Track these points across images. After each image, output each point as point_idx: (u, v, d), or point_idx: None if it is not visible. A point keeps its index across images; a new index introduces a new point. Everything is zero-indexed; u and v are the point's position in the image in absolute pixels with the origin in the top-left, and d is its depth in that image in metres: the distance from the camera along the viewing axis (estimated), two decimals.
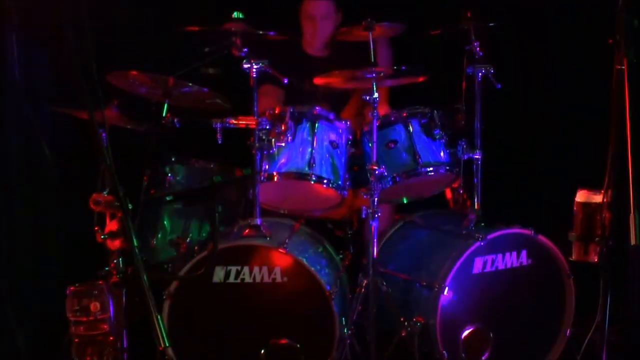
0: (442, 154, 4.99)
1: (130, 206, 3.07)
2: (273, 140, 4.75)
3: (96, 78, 3.18)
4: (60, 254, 5.22)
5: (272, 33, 4.94)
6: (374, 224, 4.77)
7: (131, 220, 3.08)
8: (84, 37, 3.21)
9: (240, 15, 4.84)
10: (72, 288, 3.20)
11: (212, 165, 5.11)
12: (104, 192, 3.24)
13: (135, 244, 2.98)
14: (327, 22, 5.70)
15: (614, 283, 4.15)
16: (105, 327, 3.18)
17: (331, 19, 5.71)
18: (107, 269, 3.24)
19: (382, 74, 4.84)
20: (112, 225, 3.09)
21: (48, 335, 4.80)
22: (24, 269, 4.97)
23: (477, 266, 4.75)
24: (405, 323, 4.76)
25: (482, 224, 4.92)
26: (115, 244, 3.16)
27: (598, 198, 4.27)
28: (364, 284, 4.80)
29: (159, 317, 2.90)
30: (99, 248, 3.42)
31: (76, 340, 3.23)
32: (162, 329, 2.86)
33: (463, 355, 4.74)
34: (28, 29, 4.81)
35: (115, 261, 3.13)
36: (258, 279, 4.60)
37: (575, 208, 4.45)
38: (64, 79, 3.21)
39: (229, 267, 4.58)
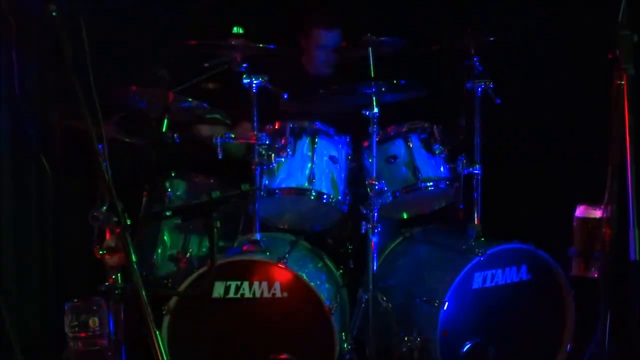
0: (442, 169, 5.00)
1: (129, 221, 3.07)
2: (273, 155, 4.76)
3: (95, 93, 3.19)
4: (59, 269, 5.20)
5: (272, 47, 4.94)
6: (374, 240, 4.77)
7: (130, 236, 3.07)
8: (83, 52, 3.22)
9: (241, 31, 4.83)
10: (70, 304, 3.19)
11: (212, 181, 5.11)
12: (103, 207, 3.23)
13: (134, 259, 2.98)
14: (335, 49, 5.75)
15: (614, 298, 4.14)
16: (104, 342, 3.17)
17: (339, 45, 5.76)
18: (106, 284, 3.23)
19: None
20: (110, 241, 3.08)
21: (46, 351, 4.80)
22: (22, 285, 4.96)
23: (477, 281, 4.74)
24: (406, 338, 4.76)
25: (482, 239, 4.93)
26: (114, 260, 3.16)
27: (598, 213, 4.26)
28: (364, 299, 4.79)
29: (157, 333, 2.89)
30: (99, 263, 3.41)
31: (75, 356, 3.22)
32: (161, 344, 2.86)
33: None
34: (28, 44, 4.82)
35: (114, 277, 3.12)
36: (258, 294, 4.59)
37: (574, 223, 4.45)
38: (64, 94, 3.22)
39: (228, 283, 4.58)
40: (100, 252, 3.12)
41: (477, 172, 4.97)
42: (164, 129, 4.84)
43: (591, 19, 5.31)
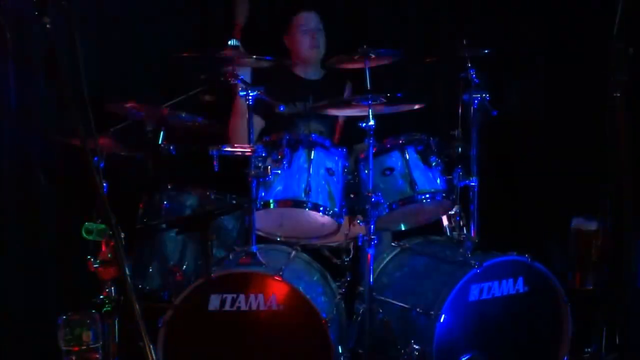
0: (438, 181, 4.99)
1: (122, 234, 3.06)
2: (269, 167, 4.76)
3: (89, 106, 3.19)
4: (55, 282, 5.20)
5: (268, 58, 4.94)
6: (371, 252, 4.77)
7: (125, 248, 3.07)
8: (77, 64, 3.22)
9: (236, 43, 4.84)
10: (64, 317, 3.18)
11: (208, 193, 5.11)
12: (97, 220, 3.22)
13: (128, 272, 2.97)
14: (321, 34, 5.78)
15: (610, 310, 4.14)
16: (97, 356, 3.16)
17: (323, 33, 5.80)
18: (100, 297, 3.23)
19: None
20: (105, 254, 3.07)
21: None
22: (16, 297, 4.95)
23: (474, 293, 4.73)
24: (402, 351, 4.74)
25: (479, 251, 4.92)
26: (108, 273, 3.15)
27: (593, 225, 4.27)
28: (360, 312, 4.79)
29: (151, 346, 2.89)
30: (94, 277, 3.40)
31: None
32: (155, 358, 2.85)
33: None
34: (25, 57, 4.82)
35: (107, 290, 3.12)
36: (254, 307, 4.57)
37: (570, 235, 4.45)
38: (60, 107, 3.22)
39: (224, 295, 4.56)
40: (94, 265, 3.11)
41: (473, 184, 4.97)
42: (160, 141, 4.85)
43: (587, 32, 5.32)
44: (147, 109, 4.82)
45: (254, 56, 4.82)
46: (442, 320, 4.60)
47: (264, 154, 4.76)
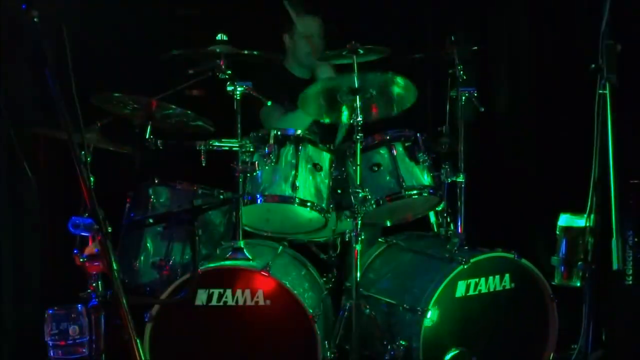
0: (425, 177, 4.99)
1: (109, 228, 3.05)
2: (257, 162, 4.75)
3: (77, 100, 3.17)
4: (42, 276, 5.19)
5: (255, 53, 4.93)
6: (358, 247, 4.76)
7: (112, 243, 3.05)
8: (66, 59, 3.21)
9: (225, 37, 4.82)
10: (50, 311, 3.17)
11: (195, 188, 5.10)
12: (84, 215, 3.21)
13: (115, 266, 2.96)
14: (321, 41, 5.79)
15: (597, 307, 4.15)
16: (84, 351, 3.15)
17: (322, 39, 5.79)
18: (86, 292, 3.21)
19: None
20: (91, 248, 3.06)
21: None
22: (4, 291, 4.94)
23: (461, 289, 4.74)
24: (389, 347, 4.75)
25: (466, 248, 4.93)
26: (95, 267, 3.14)
27: (581, 222, 4.27)
28: (347, 307, 4.78)
29: (138, 340, 2.88)
30: (81, 271, 3.39)
31: None
32: (142, 352, 2.84)
33: None
34: (11, 50, 4.80)
35: (94, 284, 3.10)
36: (241, 302, 4.57)
37: (558, 232, 4.46)
38: (47, 101, 3.20)
39: (211, 290, 4.56)
40: (81, 260, 3.10)
41: (461, 180, 4.97)
42: (147, 136, 4.83)
43: (575, 29, 5.33)
44: (136, 99, 4.80)
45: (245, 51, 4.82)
46: (428, 316, 4.60)
47: (251, 149, 4.75)
